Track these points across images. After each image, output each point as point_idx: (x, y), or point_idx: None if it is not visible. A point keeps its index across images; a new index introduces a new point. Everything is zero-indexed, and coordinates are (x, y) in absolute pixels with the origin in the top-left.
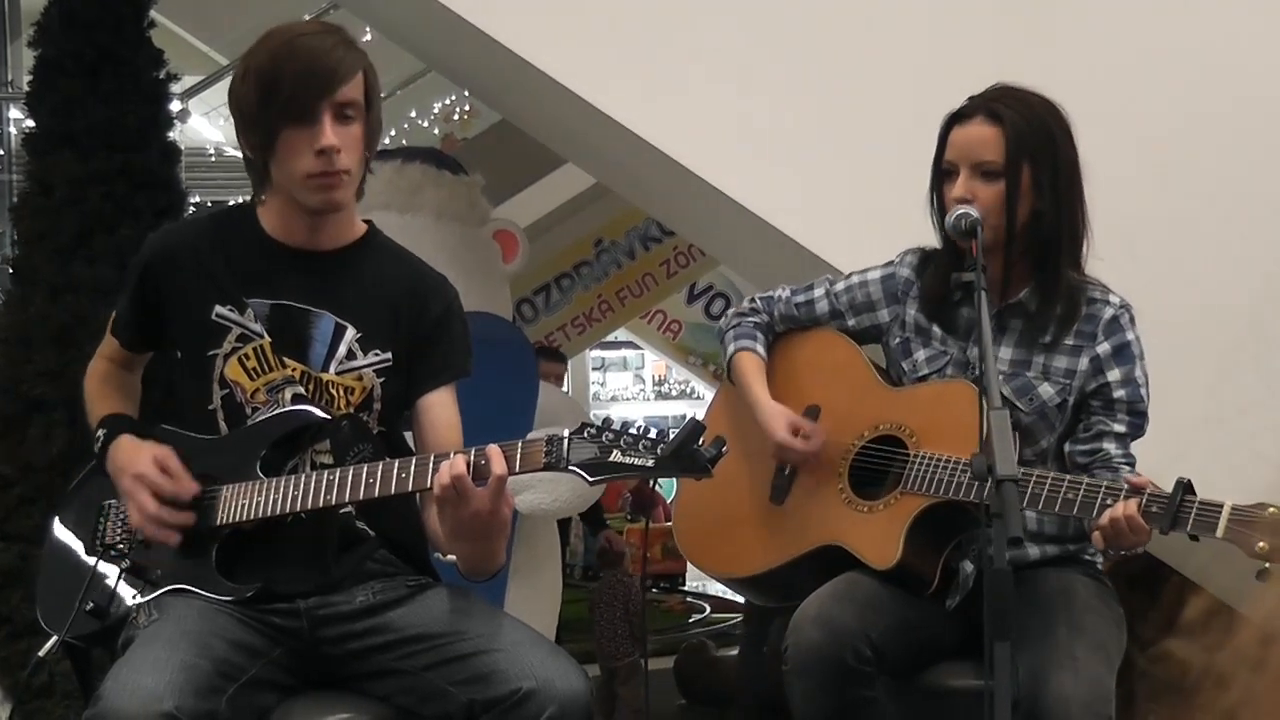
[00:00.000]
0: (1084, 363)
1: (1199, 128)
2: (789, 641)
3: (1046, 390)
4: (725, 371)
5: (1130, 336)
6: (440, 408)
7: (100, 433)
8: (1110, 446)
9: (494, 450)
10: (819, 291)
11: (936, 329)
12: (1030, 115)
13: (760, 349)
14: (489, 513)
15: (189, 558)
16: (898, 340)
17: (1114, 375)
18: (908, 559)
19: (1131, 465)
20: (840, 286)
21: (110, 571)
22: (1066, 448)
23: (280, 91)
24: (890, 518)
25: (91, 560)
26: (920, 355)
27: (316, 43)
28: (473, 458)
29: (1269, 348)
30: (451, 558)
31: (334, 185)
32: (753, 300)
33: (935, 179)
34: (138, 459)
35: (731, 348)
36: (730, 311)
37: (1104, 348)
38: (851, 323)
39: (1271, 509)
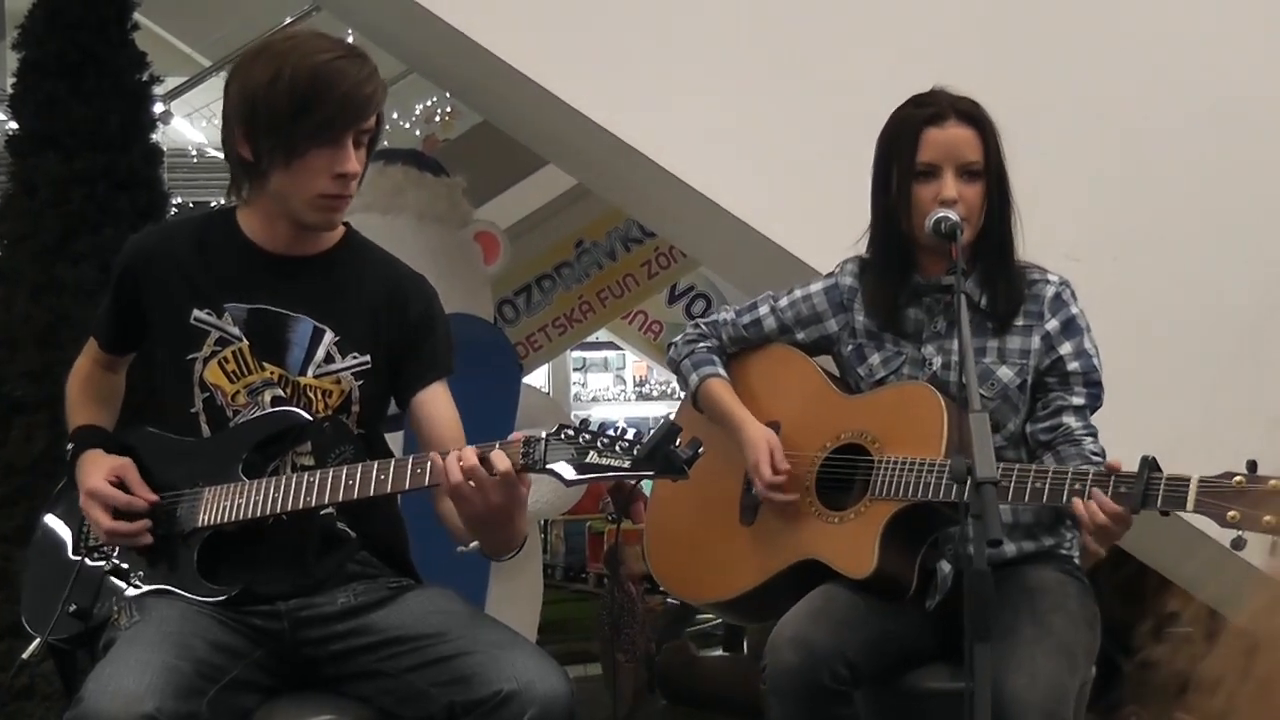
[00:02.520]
0: (1036, 341)
1: (1192, 130)
2: (766, 662)
3: (1006, 373)
4: (692, 401)
5: (1075, 310)
6: (436, 402)
7: (70, 446)
8: (1070, 420)
9: (499, 454)
10: (764, 310)
11: (887, 333)
12: (988, 115)
13: (724, 373)
14: (501, 505)
15: (171, 560)
16: (850, 348)
17: (1065, 349)
18: (884, 565)
19: (1094, 437)
20: (784, 302)
21: (93, 573)
22: (1027, 428)
23: (320, 111)
24: (862, 525)
25: (75, 562)
26: (875, 359)
27: (355, 69)
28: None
29: (1265, 357)
30: (475, 544)
31: (340, 208)
32: (697, 325)
33: (905, 180)
34: (93, 475)
35: (695, 376)
36: (677, 340)
37: (1053, 324)
38: (801, 336)
39: (1238, 478)
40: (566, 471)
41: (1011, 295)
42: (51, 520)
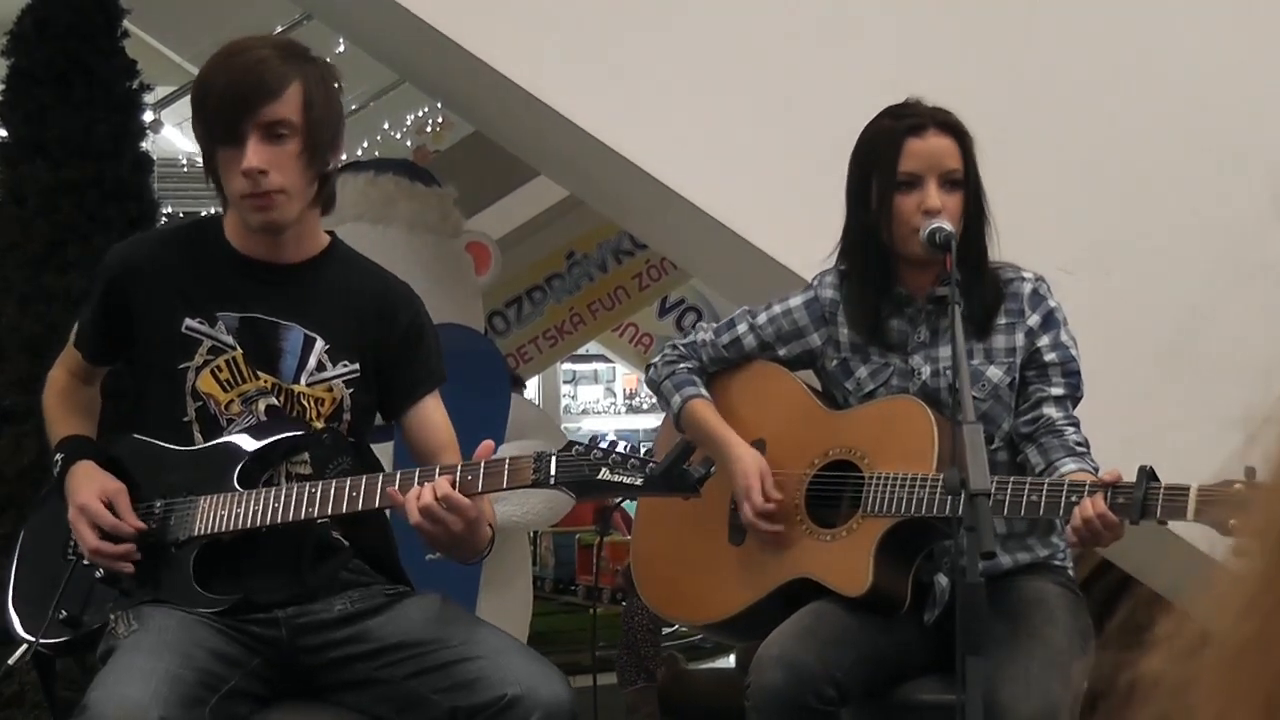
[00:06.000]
0: (1020, 338)
1: (1190, 141)
2: (751, 680)
3: (995, 372)
4: (675, 422)
5: (1053, 304)
6: (430, 413)
7: (58, 457)
8: (1050, 411)
9: (443, 482)
10: (742, 327)
11: (873, 344)
12: (965, 126)
13: (706, 393)
14: (459, 534)
15: (165, 568)
16: (835, 362)
17: (1044, 342)
18: (879, 582)
19: (1075, 427)
20: (762, 319)
21: (84, 580)
22: (1010, 423)
23: (206, 111)
24: (855, 543)
25: (65, 568)
26: (862, 372)
27: (249, 59)
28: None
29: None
30: (438, 555)
31: (267, 206)
32: (675, 347)
33: (886, 191)
34: (84, 489)
35: (677, 398)
36: (656, 361)
37: (1034, 319)
38: (782, 352)
39: (1238, 484)
40: (578, 489)
41: (989, 299)
42: (41, 526)
